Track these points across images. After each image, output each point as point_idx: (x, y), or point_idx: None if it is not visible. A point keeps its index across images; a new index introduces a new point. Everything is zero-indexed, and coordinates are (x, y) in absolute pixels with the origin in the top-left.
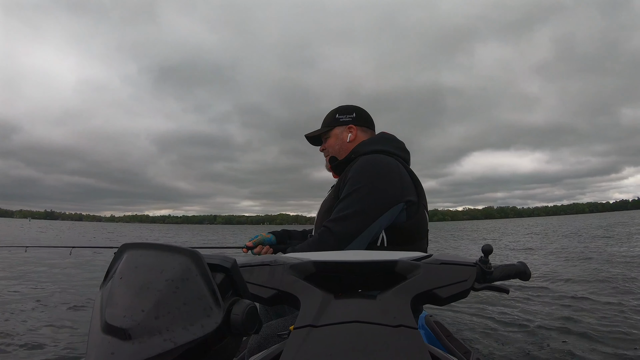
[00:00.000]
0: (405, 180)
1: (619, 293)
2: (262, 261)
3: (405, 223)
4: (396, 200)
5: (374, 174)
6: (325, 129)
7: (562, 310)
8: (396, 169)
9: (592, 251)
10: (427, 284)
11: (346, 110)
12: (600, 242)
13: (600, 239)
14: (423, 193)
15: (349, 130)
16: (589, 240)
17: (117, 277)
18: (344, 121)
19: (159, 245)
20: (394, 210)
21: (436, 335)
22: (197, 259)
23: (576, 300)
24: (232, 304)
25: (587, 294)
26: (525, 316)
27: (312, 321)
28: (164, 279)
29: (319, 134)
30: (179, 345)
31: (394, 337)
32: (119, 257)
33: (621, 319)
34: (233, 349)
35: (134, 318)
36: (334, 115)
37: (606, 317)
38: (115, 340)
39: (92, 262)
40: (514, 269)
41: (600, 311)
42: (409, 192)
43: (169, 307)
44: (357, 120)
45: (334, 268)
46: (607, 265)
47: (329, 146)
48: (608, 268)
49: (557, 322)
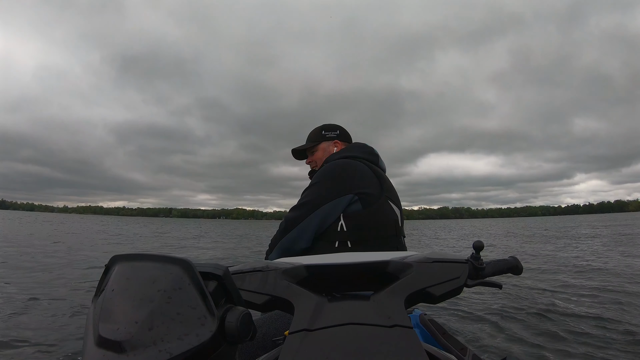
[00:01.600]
0: (362, 176)
1: (616, 294)
2: (254, 267)
3: (362, 211)
4: (344, 192)
5: (327, 173)
6: (312, 144)
7: (555, 303)
8: (352, 168)
9: (582, 250)
10: (420, 282)
11: (331, 127)
12: (582, 242)
13: (585, 238)
14: (389, 187)
15: (335, 145)
16: (574, 239)
17: (109, 289)
18: (329, 137)
19: (150, 256)
20: (341, 200)
21: (431, 334)
22: (189, 268)
23: (570, 294)
24: (226, 312)
25: (582, 289)
26: (519, 310)
27: (307, 325)
28: (156, 289)
29: (305, 149)
30: (174, 355)
31: (389, 338)
32: (109, 269)
33: (617, 313)
34: (229, 357)
35: (128, 330)
36: (320, 132)
37: (600, 311)
38: (110, 353)
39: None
40: (506, 264)
41: (594, 305)
42: (365, 186)
43: (162, 317)
44: (340, 136)
45: (326, 271)
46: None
47: (317, 158)
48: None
49: (551, 315)
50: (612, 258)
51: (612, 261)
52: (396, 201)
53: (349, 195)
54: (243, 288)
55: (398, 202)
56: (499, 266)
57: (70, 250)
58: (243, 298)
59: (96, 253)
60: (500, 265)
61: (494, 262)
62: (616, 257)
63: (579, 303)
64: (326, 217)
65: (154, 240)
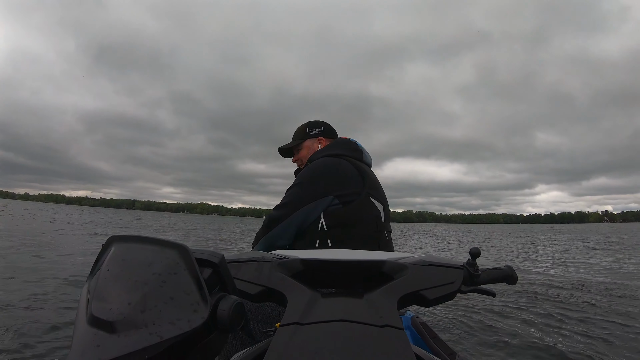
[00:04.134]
0: (344, 176)
1: (612, 297)
2: (250, 257)
3: (341, 209)
4: (324, 194)
5: (308, 174)
6: (297, 142)
7: (547, 313)
8: (333, 168)
9: (573, 257)
10: (414, 285)
11: (315, 124)
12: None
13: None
14: (372, 183)
15: (319, 142)
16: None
17: (104, 269)
18: (314, 134)
19: (147, 239)
20: (322, 201)
21: (422, 337)
22: (185, 253)
23: (561, 303)
24: (219, 300)
25: (571, 297)
26: (511, 320)
27: (299, 319)
28: (152, 272)
29: (291, 147)
30: (164, 339)
31: (379, 337)
32: (106, 249)
33: (607, 322)
34: (219, 345)
35: (120, 311)
36: (305, 130)
37: (589, 318)
38: (101, 332)
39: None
40: (501, 272)
41: (583, 313)
42: (346, 185)
43: (155, 301)
44: (325, 133)
45: (322, 266)
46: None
47: (302, 156)
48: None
49: (543, 324)
50: (603, 266)
51: (606, 270)
52: (379, 197)
53: (329, 198)
54: (238, 277)
55: (382, 198)
56: (494, 274)
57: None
58: (237, 287)
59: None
60: (496, 273)
61: (489, 270)
62: (610, 266)
63: (572, 312)
64: (306, 217)
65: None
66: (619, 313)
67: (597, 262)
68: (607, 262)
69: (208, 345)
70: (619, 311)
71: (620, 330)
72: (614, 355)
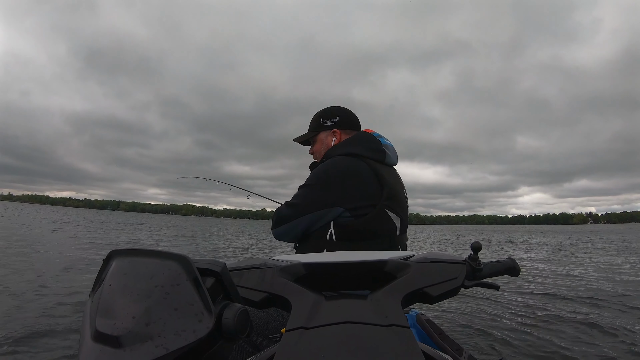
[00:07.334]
0: (359, 184)
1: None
2: (251, 264)
3: (352, 222)
4: (334, 204)
5: (321, 177)
6: (311, 134)
7: (551, 306)
8: (349, 174)
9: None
10: (418, 282)
11: (330, 114)
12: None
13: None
14: (391, 191)
15: (333, 135)
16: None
17: (107, 284)
18: (328, 126)
19: (148, 251)
20: (330, 211)
21: (428, 334)
22: (187, 263)
23: (565, 297)
24: (223, 308)
25: (575, 292)
26: (515, 312)
27: (304, 323)
28: (154, 284)
29: (308, 138)
30: (171, 351)
31: (386, 337)
32: (107, 264)
33: (614, 318)
34: (225, 353)
35: (125, 325)
36: (319, 120)
37: (596, 316)
38: (107, 348)
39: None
40: (503, 265)
41: (590, 310)
42: (360, 197)
43: (159, 313)
44: (340, 123)
45: (324, 269)
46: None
47: (316, 151)
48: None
49: (546, 317)
50: (610, 264)
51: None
52: (397, 207)
53: (339, 209)
54: (240, 285)
55: (401, 208)
56: (496, 267)
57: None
58: (240, 295)
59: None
60: (498, 266)
61: (492, 264)
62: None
63: (575, 307)
64: (313, 224)
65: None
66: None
67: (617, 263)
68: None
69: (214, 354)
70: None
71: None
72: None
